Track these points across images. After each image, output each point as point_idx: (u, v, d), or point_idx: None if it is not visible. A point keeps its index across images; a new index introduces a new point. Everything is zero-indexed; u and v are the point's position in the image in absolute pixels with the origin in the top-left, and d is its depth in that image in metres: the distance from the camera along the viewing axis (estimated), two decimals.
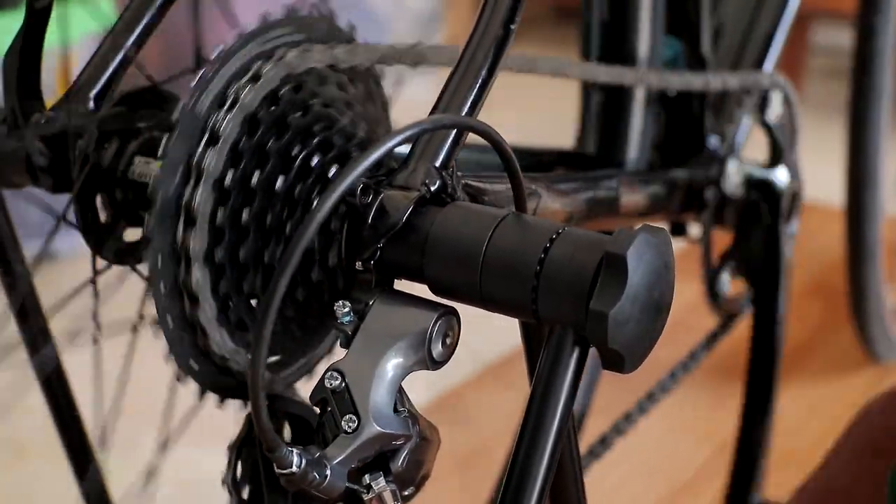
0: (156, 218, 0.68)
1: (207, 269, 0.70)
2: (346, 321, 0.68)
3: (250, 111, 0.70)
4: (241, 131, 0.70)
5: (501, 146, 0.68)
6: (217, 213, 0.69)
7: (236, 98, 0.70)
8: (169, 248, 0.69)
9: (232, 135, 0.69)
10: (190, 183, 0.69)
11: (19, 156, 0.76)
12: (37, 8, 0.77)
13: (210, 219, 0.69)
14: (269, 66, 0.71)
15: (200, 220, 0.69)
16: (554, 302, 0.65)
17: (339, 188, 0.61)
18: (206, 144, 0.69)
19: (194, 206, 0.68)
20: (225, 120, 0.69)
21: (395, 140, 0.63)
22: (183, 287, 0.69)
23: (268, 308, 0.60)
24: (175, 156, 0.68)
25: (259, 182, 0.70)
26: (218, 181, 0.69)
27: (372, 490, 0.67)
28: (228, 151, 0.69)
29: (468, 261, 0.66)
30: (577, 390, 0.67)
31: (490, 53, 0.72)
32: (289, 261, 0.60)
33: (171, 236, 0.69)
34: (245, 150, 0.70)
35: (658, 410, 1.27)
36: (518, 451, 0.66)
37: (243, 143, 0.70)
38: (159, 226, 0.68)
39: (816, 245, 2.12)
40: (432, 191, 0.69)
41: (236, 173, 0.70)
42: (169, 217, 0.68)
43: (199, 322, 0.70)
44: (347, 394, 0.66)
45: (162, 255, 0.68)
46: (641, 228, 0.64)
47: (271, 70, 0.71)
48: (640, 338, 0.65)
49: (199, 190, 0.68)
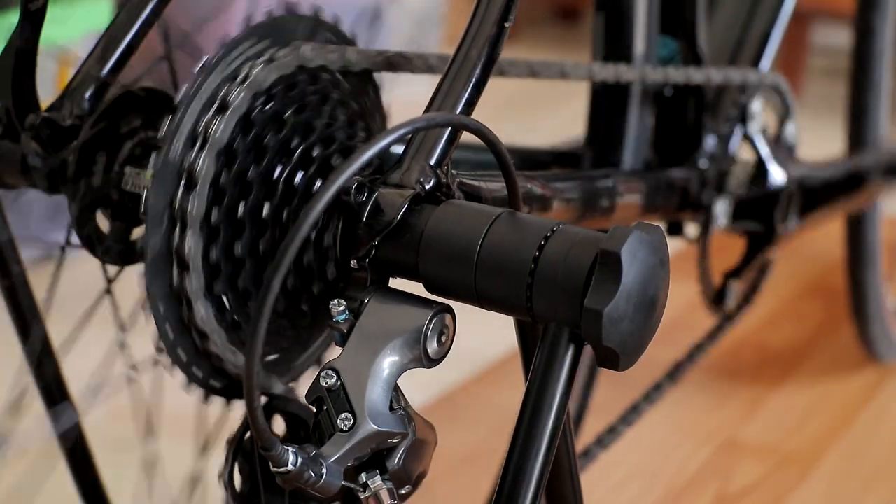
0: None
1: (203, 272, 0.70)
2: (342, 319, 0.68)
3: (222, 145, 0.70)
4: (219, 165, 0.70)
5: (495, 144, 0.68)
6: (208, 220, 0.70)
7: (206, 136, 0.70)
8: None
9: (209, 174, 0.69)
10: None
11: (14, 157, 0.76)
12: (31, 9, 0.77)
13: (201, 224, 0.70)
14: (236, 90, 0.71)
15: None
16: (548, 300, 0.65)
17: (334, 186, 0.61)
18: (185, 188, 0.69)
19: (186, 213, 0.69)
20: (200, 160, 0.69)
21: (389, 139, 0.62)
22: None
23: (262, 307, 0.60)
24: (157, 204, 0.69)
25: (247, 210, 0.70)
26: (206, 218, 0.70)
27: (368, 488, 0.67)
28: (208, 189, 0.69)
29: (463, 259, 0.66)
30: (572, 388, 0.67)
31: (484, 52, 0.72)
32: (283, 259, 0.60)
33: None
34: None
35: (658, 410, 1.27)
36: (513, 449, 0.66)
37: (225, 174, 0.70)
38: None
39: (816, 245, 2.12)
40: (427, 189, 0.69)
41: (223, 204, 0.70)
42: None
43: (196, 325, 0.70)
44: (343, 392, 0.66)
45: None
46: (636, 226, 0.64)
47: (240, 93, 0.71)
48: (635, 335, 0.65)
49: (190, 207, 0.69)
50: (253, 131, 0.70)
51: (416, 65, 0.78)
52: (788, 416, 1.67)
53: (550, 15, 3.57)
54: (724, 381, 1.74)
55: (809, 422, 1.66)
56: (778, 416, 1.67)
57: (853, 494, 1.51)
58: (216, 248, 0.70)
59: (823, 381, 1.76)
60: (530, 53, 3.03)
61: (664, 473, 1.52)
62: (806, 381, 1.76)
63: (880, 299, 1.74)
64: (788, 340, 1.88)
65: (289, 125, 0.71)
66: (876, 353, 1.78)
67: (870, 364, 1.79)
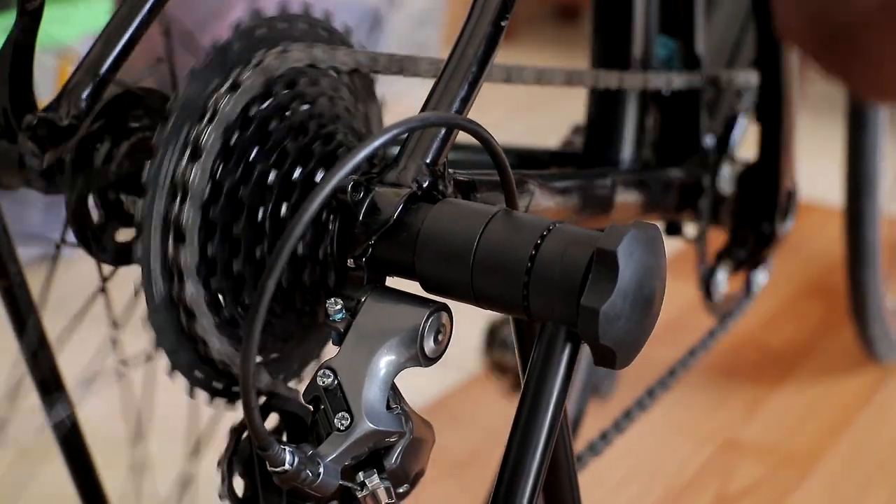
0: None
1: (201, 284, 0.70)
2: (338, 318, 0.68)
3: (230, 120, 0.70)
4: (224, 140, 0.70)
5: (490, 143, 0.68)
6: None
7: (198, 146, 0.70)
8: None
9: (199, 189, 0.69)
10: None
11: (12, 157, 0.76)
12: (28, 9, 0.77)
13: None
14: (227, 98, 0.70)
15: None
16: (545, 298, 0.65)
17: (328, 185, 0.61)
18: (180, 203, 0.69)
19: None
20: (192, 171, 0.69)
21: (384, 138, 0.62)
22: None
23: (258, 306, 0.60)
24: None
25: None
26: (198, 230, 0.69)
27: (366, 487, 0.67)
28: (201, 206, 0.69)
29: (459, 257, 0.66)
30: (569, 386, 0.67)
31: (480, 51, 0.72)
32: (278, 259, 0.60)
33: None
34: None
35: (658, 410, 1.27)
36: (511, 448, 0.66)
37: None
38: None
39: (815, 245, 2.12)
40: (423, 188, 0.69)
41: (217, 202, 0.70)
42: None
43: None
44: (340, 391, 0.66)
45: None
46: (632, 225, 0.64)
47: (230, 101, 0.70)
48: (632, 334, 0.65)
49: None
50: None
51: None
52: (788, 416, 1.67)
53: (550, 15, 3.57)
54: (724, 381, 1.74)
55: (809, 422, 1.66)
56: (778, 416, 1.67)
57: (853, 494, 1.51)
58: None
59: (823, 381, 1.76)
60: (529, 53, 3.03)
61: (664, 473, 1.52)
62: (806, 381, 1.76)
63: (880, 299, 1.74)
64: (788, 340, 1.88)
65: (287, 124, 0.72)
66: (876, 353, 1.78)
67: (870, 364, 1.79)
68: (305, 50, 0.72)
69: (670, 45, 1.16)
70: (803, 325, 1.92)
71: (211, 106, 0.69)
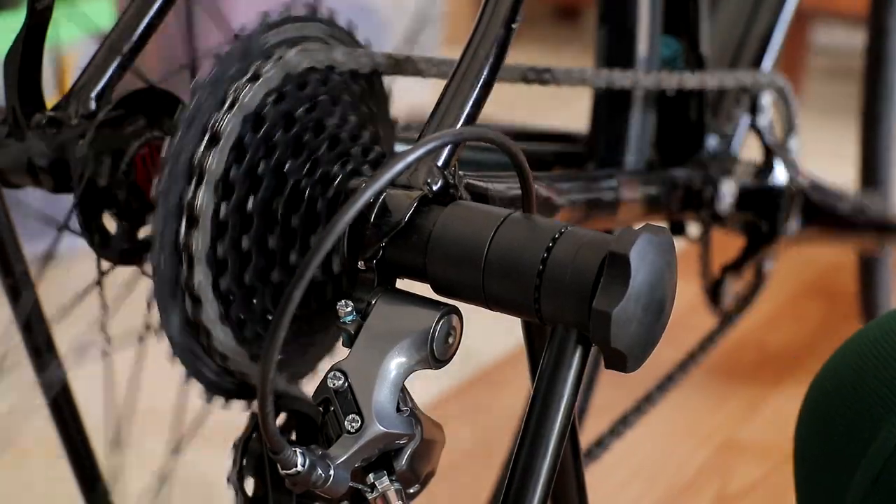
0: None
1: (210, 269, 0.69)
2: (349, 320, 0.68)
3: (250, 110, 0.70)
4: (244, 128, 0.69)
5: (517, 157, 0.67)
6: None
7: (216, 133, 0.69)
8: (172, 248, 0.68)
9: (215, 174, 0.69)
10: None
11: (20, 156, 0.76)
12: (38, 8, 0.77)
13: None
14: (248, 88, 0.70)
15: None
16: (557, 301, 0.65)
17: (362, 198, 0.60)
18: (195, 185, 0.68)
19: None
20: (210, 157, 0.68)
21: (420, 152, 0.62)
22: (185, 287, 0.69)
23: (283, 313, 0.59)
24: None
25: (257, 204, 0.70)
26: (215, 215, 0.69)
27: (376, 489, 0.67)
28: (216, 184, 0.69)
29: (471, 260, 0.66)
30: (580, 390, 0.67)
31: (492, 54, 0.72)
32: (307, 268, 0.59)
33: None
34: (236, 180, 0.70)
35: (658, 411, 1.27)
36: (520, 451, 0.66)
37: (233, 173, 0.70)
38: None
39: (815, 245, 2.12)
40: (435, 190, 0.69)
41: (230, 202, 0.69)
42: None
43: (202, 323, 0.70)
44: (350, 393, 0.66)
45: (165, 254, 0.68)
46: (644, 228, 0.64)
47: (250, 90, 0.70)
48: (643, 337, 0.65)
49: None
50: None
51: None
52: (788, 416, 1.67)
53: (550, 14, 3.57)
54: (724, 381, 1.74)
55: None
56: (778, 416, 1.67)
57: None
58: (227, 207, 0.69)
59: None
60: (530, 53, 3.02)
61: (664, 473, 1.52)
62: (806, 381, 1.74)
63: (890, 299, 1.74)
64: (788, 340, 1.88)
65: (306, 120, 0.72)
66: None
67: None
68: (325, 51, 0.73)
69: (674, 45, 1.16)
70: (803, 325, 1.93)
71: (231, 94, 0.69)
